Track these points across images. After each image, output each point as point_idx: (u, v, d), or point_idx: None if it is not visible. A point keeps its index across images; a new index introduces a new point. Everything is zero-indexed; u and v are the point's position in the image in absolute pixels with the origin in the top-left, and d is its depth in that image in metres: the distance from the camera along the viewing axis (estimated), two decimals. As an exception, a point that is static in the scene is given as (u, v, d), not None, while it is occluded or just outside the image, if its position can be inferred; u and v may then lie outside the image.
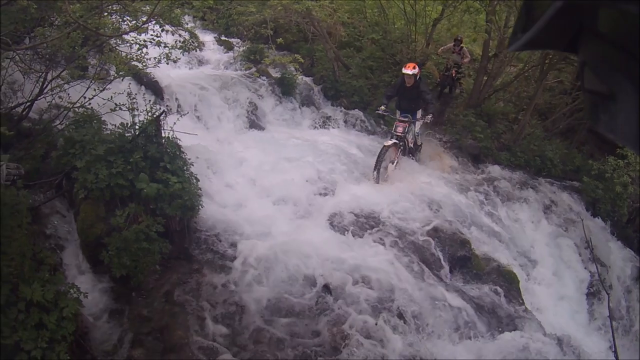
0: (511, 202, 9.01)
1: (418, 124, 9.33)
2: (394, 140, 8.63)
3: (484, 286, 6.44)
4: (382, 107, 8.92)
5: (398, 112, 9.20)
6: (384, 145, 8.48)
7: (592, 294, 8.11)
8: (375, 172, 8.27)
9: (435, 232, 6.90)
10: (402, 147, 8.98)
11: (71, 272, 5.15)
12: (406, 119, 8.92)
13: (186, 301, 5.08)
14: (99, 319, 4.90)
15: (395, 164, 8.83)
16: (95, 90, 5.96)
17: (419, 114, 9.15)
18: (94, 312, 4.92)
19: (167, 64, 6.20)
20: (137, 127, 5.52)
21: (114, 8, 5.87)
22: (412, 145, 9.45)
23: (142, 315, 4.94)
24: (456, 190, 8.56)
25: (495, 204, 8.81)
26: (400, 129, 8.78)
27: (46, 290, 4.22)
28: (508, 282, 6.72)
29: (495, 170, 9.97)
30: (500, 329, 5.87)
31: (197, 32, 11.36)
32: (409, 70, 8.74)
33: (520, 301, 6.57)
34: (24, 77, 5.81)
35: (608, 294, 6.21)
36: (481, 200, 8.64)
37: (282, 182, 7.20)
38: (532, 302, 6.98)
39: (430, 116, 8.86)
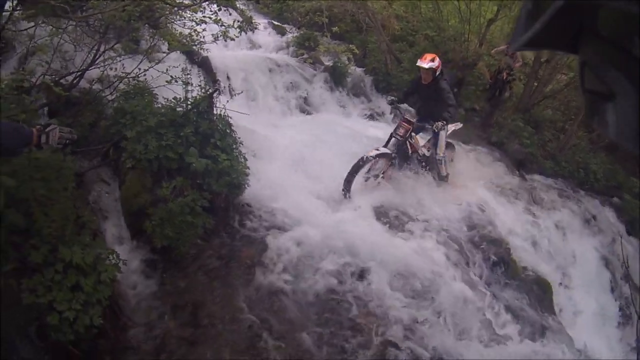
0: (552, 212, 8.75)
1: (442, 137, 7.64)
2: (383, 151, 7.02)
3: (518, 292, 6.31)
4: (391, 97, 7.97)
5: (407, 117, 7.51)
6: (363, 156, 6.80)
7: (624, 314, 7.93)
8: (344, 186, 6.69)
9: (476, 235, 6.78)
10: (395, 159, 7.36)
11: (111, 239, 5.18)
12: (412, 121, 7.31)
13: (224, 277, 5.05)
14: (136, 287, 4.93)
15: (379, 178, 7.19)
16: (145, 65, 5.97)
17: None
18: (131, 280, 4.95)
19: (226, 40, 6.11)
20: (189, 102, 5.51)
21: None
22: (429, 156, 7.81)
23: (179, 288, 4.94)
24: (498, 194, 8.29)
25: (536, 212, 8.54)
26: (402, 131, 7.18)
27: (86, 253, 4.24)
28: (542, 291, 6.60)
29: (538, 178, 9.66)
30: (529, 337, 5.74)
31: (251, 15, 11.26)
32: (425, 62, 7.16)
33: (552, 311, 6.47)
34: (75, 48, 5.78)
35: (639, 317, 5.99)
36: (522, 206, 8.37)
37: (326, 169, 7.14)
38: (563, 314, 6.88)
39: (440, 123, 7.03)
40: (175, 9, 5.71)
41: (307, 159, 7.40)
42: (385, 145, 7.18)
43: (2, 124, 2.96)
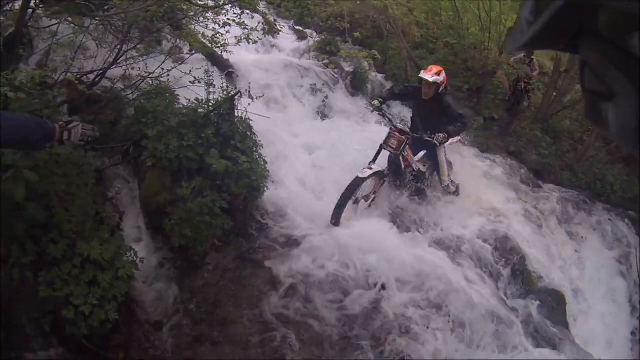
0: (567, 224, 8.62)
1: (442, 160, 7.00)
2: (377, 169, 6.23)
3: (532, 302, 6.25)
4: (375, 102, 6.75)
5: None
6: (358, 177, 6.04)
7: (636, 328, 7.79)
8: (334, 213, 5.92)
9: (492, 243, 6.72)
10: (387, 178, 6.66)
11: (129, 237, 5.16)
12: (407, 131, 6.52)
13: (241, 279, 5.06)
14: (152, 285, 4.94)
15: (370, 201, 6.47)
16: (167, 66, 5.96)
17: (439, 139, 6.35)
18: (147, 278, 4.96)
19: (249, 43, 6.10)
20: (211, 103, 5.52)
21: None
22: (424, 172, 7.10)
23: (195, 287, 4.93)
24: (516, 204, 8.18)
25: (552, 222, 8.43)
26: (394, 143, 6.34)
27: (104, 249, 4.28)
28: (556, 302, 6.50)
29: (555, 188, 9.54)
30: (542, 347, 5.70)
31: (274, 19, 11.25)
32: (430, 75, 6.39)
33: (565, 323, 6.37)
34: (97, 47, 5.81)
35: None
36: (539, 217, 8.25)
37: (344, 174, 6.94)
38: (576, 327, 6.77)
39: (442, 135, 6.22)
40: (200, 9, 5.72)
41: (326, 163, 7.36)
42: (375, 159, 6.31)
43: (25, 118, 2.98)
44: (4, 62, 3.63)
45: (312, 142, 7.83)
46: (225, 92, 5.63)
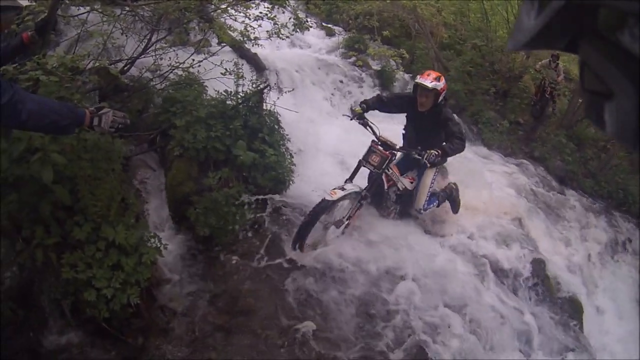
0: (588, 232, 8.47)
1: (426, 180, 5.92)
2: (349, 190, 5.22)
3: (549, 309, 6.14)
4: (358, 108, 5.63)
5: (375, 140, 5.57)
6: (325, 199, 5.06)
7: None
8: (295, 238, 5.15)
9: (510, 250, 6.57)
10: (365, 200, 5.49)
11: (153, 224, 5.19)
12: (392, 144, 5.53)
13: (263, 270, 5.00)
14: (174, 272, 4.91)
15: (343, 227, 5.41)
16: (194, 58, 5.92)
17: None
18: (170, 265, 4.94)
19: (280, 38, 6.05)
20: (240, 95, 5.49)
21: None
22: (409, 194, 5.98)
23: (217, 276, 4.90)
24: (538, 208, 8.04)
25: (573, 230, 8.28)
26: (375, 159, 5.38)
27: (129, 234, 4.26)
28: (573, 310, 6.39)
29: (577, 196, 9.37)
30: (557, 355, 5.63)
31: (306, 15, 11.21)
32: (428, 80, 5.37)
33: (581, 332, 6.24)
34: (126, 36, 5.77)
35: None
36: (561, 224, 8.10)
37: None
38: (592, 335, 6.60)
39: (434, 152, 5.10)
40: (232, 2, 5.68)
41: (351, 159, 7.21)
42: (352, 177, 5.43)
43: (57, 103, 2.99)
44: (37, 47, 3.65)
45: (338, 139, 7.72)
46: (254, 85, 5.60)
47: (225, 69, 5.62)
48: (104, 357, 4.02)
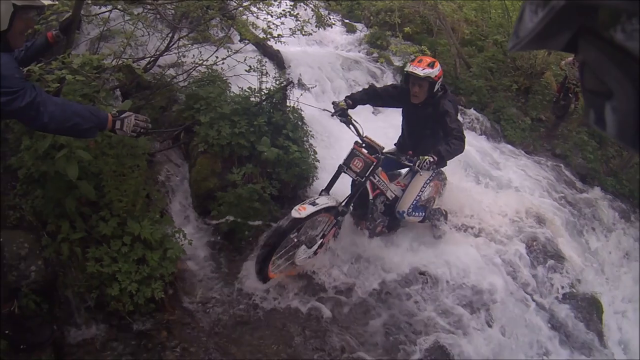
0: (608, 231, 8.32)
1: (419, 181, 5.38)
2: (322, 205, 4.53)
3: (568, 307, 6.02)
4: (342, 103, 4.95)
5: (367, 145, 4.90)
6: (292, 217, 4.40)
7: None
8: (257, 267, 4.56)
9: (531, 244, 6.51)
10: (342, 217, 4.83)
11: (177, 219, 5.18)
12: (378, 147, 4.85)
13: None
14: (198, 266, 4.91)
15: (316, 247, 4.78)
16: (217, 55, 5.90)
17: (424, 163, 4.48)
18: (194, 260, 4.94)
19: (303, 35, 6.02)
20: (264, 92, 5.47)
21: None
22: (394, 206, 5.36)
23: (238, 271, 4.90)
24: (560, 206, 7.91)
25: (594, 229, 8.15)
26: (358, 165, 4.71)
27: (154, 229, 4.28)
28: (593, 309, 6.25)
29: (598, 194, 9.21)
30: (575, 353, 5.53)
31: (321, 11, 11.16)
32: (419, 67, 4.75)
33: (600, 332, 6.11)
34: (148, 34, 5.77)
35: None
36: (582, 222, 7.97)
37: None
38: (611, 336, 6.48)
39: (429, 159, 4.44)
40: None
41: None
42: (330, 187, 4.77)
43: (80, 106, 3.01)
44: (61, 46, 3.67)
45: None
46: (277, 82, 5.59)
47: (250, 66, 5.60)
48: (127, 351, 4.03)
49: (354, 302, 4.85)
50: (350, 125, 4.91)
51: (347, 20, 12.50)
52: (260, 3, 5.71)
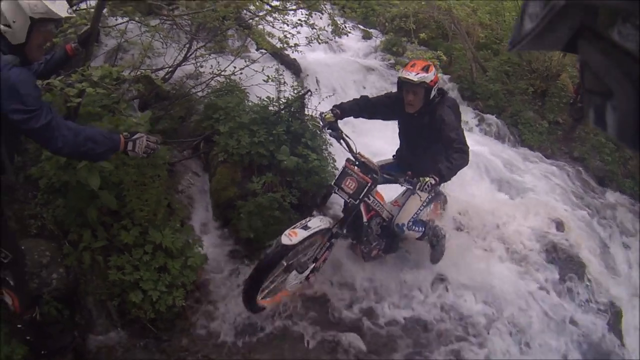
0: (627, 236, 8.13)
1: (412, 200, 4.81)
2: (314, 229, 4.13)
3: (588, 314, 5.89)
4: (328, 115, 4.51)
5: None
6: (281, 244, 4.02)
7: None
8: (244, 299, 4.23)
9: (552, 250, 6.36)
10: (336, 237, 4.43)
11: (198, 228, 5.21)
12: (374, 167, 4.38)
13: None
14: (218, 274, 4.91)
15: (307, 272, 4.37)
16: (235, 65, 5.89)
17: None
18: (214, 268, 4.94)
19: (319, 43, 6.00)
20: (282, 101, 5.46)
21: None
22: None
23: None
24: (579, 210, 7.77)
25: (613, 233, 7.98)
26: (352, 185, 4.25)
27: (176, 238, 4.33)
28: (612, 316, 6.12)
29: (617, 197, 9.04)
30: (594, 358, 5.40)
31: (336, 19, 11.12)
32: (412, 72, 4.27)
33: (619, 339, 5.98)
34: (165, 45, 5.80)
35: None
36: (602, 227, 7.83)
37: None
38: (630, 344, 6.25)
39: (430, 181, 3.96)
40: (270, 10, 5.65)
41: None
42: (321, 205, 4.70)
43: (93, 130, 3.03)
44: (79, 58, 3.70)
45: (378, 142, 7.55)
46: (295, 91, 5.57)
47: (268, 76, 5.58)
48: (148, 358, 4.04)
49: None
50: (341, 141, 4.45)
51: (362, 27, 12.45)
52: (276, 13, 5.70)
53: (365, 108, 4.78)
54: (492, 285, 5.41)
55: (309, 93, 5.56)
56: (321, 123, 4.63)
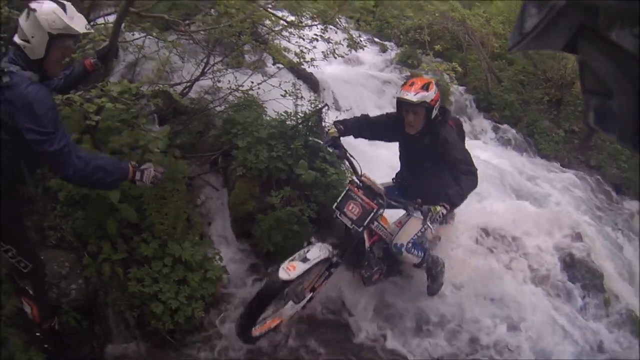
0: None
1: (413, 220, 4.28)
2: (315, 259, 3.86)
3: (605, 325, 5.74)
4: (332, 130, 4.30)
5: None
6: (279, 279, 3.71)
7: None
8: (237, 331, 3.93)
9: (569, 260, 6.21)
10: (336, 266, 4.15)
11: (216, 242, 5.20)
12: (380, 192, 4.06)
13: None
14: (238, 287, 4.91)
15: (305, 301, 4.10)
16: (253, 80, 5.93)
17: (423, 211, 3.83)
18: (234, 281, 4.94)
19: (335, 58, 6.01)
20: (299, 116, 5.44)
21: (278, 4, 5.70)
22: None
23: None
24: (596, 219, 7.64)
25: (631, 241, 7.81)
26: (356, 211, 3.92)
27: (195, 251, 4.35)
28: (630, 326, 5.90)
29: (634, 205, 8.87)
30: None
31: (351, 32, 11.11)
32: (411, 91, 4.01)
33: (637, 350, 5.74)
34: (183, 60, 5.85)
35: None
36: (619, 236, 7.68)
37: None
38: None
39: (442, 210, 3.74)
40: (286, 25, 5.67)
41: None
42: (320, 230, 4.33)
43: (103, 159, 3.07)
44: (98, 74, 3.75)
45: (393, 156, 7.49)
46: (312, 105, 5.55)
47: (285, 91, 5.57)
48: (166, 368, 4.06)
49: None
50: (345, 160, 4.23)
51: (377, 40, 12.46)
52: (292, 28, 5.72)
53: (367, 127, 4.54)
54: (508, 293, 5.34)
55: (326, 107, 5.55)
56: (322, 140, 4.35)
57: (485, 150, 8.52)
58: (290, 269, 3.72)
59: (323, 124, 5.54)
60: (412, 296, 5.02)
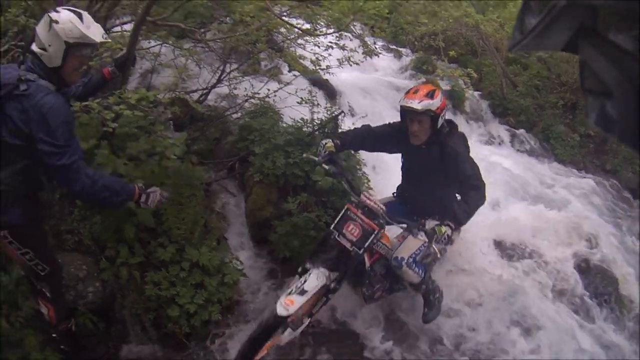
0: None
1: (411, 242, 4.08)
2: (313, 288, 3.62)
3: (621, 331, 5.64)
4: (329, 144, 4.01)
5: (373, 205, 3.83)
6: (276, 314, 3.46)
7: None
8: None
9: (583, 265, 6.14)
10: (334, 292, 3.96)
11: (233, 247, 5.22)
12: (380, 211, 3.78)
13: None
14: (255, 292, 4.93)
15: (302, 327, 3.80)
16: (269, 88, 5.96)
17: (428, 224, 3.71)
18: (251, 286, 4.96)
19: (350, 65, 6.01)
20: (316, 122, 5.44)
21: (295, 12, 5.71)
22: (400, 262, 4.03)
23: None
24: (611, 224, 7.52)
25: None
26: (355, 232, 3.68)
27: (212, 256, 4.37)
28: None
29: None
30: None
31: (366, 39, 11.10)
32: (415, 99, 3.76)
33: None
34: (199, 68, 5.89)
35: None
36: (635, 241, 7.51)
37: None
38: None
39: (448, 232, 3.58)
40: (301, 34, 5.68)
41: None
42: (319, 254, 3.91)
43: (111, 179, 3.12)
44: (116, 81, 3.79)
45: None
46: (328, 112, 5.56)
47: (301, 98, 5.59)
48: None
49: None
50: (342, 178, 4.03)
51: (392, 46, 12.43)
52: (307, 36, 5.74)
53: (368, 138, 4.31)
54: (522, 304, 5.24)
55: (342, 114, 5.54)
56: (318, 157, 4.03)
57: (501, 156, 8.45)
58: (288, 304, 3.48)
59: (339, 130, 5.50)
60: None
